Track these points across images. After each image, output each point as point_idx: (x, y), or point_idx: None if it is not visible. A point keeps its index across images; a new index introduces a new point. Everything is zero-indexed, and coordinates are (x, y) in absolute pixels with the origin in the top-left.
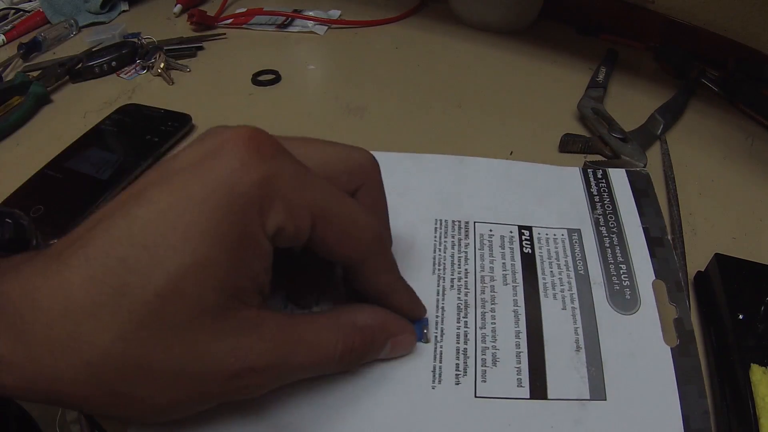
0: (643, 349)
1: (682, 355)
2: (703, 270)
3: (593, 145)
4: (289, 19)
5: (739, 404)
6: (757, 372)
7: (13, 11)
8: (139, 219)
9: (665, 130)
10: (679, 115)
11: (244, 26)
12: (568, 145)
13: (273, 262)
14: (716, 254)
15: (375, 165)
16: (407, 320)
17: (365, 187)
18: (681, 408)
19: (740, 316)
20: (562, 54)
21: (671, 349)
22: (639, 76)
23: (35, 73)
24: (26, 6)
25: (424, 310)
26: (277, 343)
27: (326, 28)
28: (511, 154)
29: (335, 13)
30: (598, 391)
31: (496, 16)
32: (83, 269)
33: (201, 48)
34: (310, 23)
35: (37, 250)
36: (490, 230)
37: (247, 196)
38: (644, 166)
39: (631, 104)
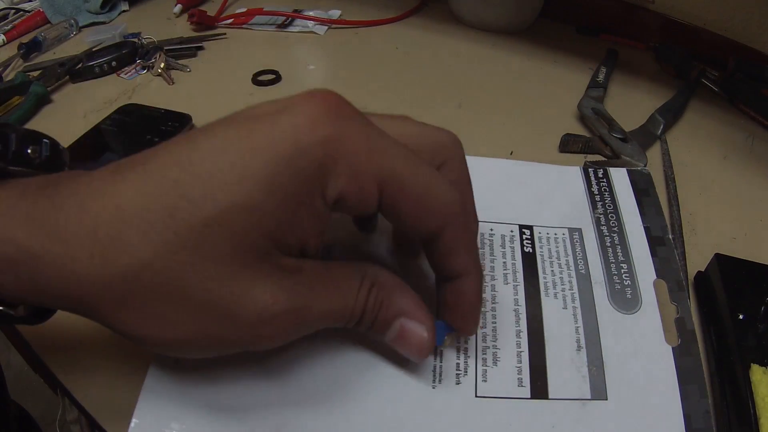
0: (644, 348)
1: (683, 355)
2: (703, 270)
3: (593, 145)
4: (289, 19)
5: (739, 404)
6: (757, 372)
7: (13, 11)
8: (201, 150)
9: (665, 130)
10: (679, 115)
11: (244, 26)
12: (569, 145)
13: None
14: (716, 254)
15: (458, 143)
16: (431, 318)
17: (448, 163)
18: (682, 408)
19: (740, 316)
20: (562, 54)
21: (672, 348)
22: (639, 76)
23: (35, 73)
24: (26, 6)
25: (476, 324)
26: (313, 285)
27: (326, 28)
28: (511, 154)
29: (335, 13)
30: (599, 390)
31: (496, 16)
32: (138, 184)
33: (201, 48)
34: (310, 23)
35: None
36: (491, 229)
37: (310, 153)
38: (644, 166)
39: (631, 104)
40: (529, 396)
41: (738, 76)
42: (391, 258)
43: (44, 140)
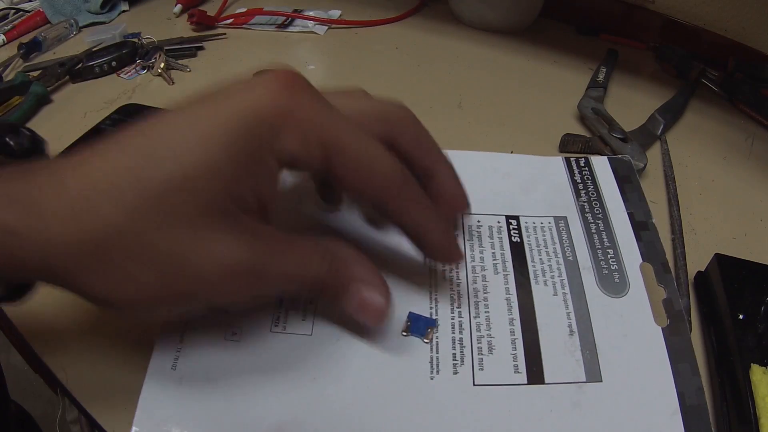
0: (634, 330)
1: (673, 335)
2: (703, 270)
3: (593, 145)
4: (289, 19)
5: (739, 404)
6: (757, 372)
7: (13, 11)
8: (170, 122)
9: (665, 130)
10: (679, 115)
11: (244, 26)
12: (569, 145)
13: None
14: (716, 254)
15: (409, 111)
16: (387, 287)
17: (402, 129)
18: (675, 386)
19: (740, 316)
20: (562, 54)
21: (662, 329)
22: (639, 76)
23: (35, 73)
24: (26, 6)
25: (459, 254)
26: (272, 247)
27: (326, 28)
28: (511, 153)
29: (335, 13)
30: (593, 373)
31: (496, 16)
32: (109, 156)
33: (201, 48)
34: (310, 23)
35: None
36: (479, 221)
37: (264, 118)
38: (644, 166)
39: (631, 104)
40: (525, 382)
41: (738, 76)
42: (356, 236)
43: (23, 131)
